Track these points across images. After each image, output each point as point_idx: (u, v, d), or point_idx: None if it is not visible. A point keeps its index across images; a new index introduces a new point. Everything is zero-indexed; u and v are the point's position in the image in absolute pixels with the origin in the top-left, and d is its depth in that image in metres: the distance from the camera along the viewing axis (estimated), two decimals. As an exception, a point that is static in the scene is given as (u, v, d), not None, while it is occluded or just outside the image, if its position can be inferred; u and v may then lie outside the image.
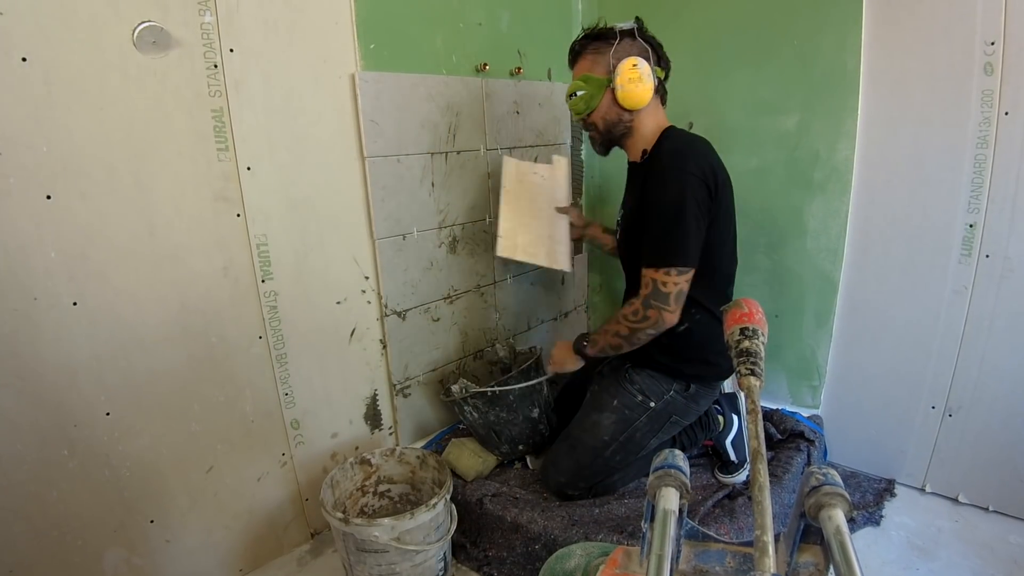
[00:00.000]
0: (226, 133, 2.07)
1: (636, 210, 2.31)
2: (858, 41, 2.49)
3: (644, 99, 2.21)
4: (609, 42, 2.25)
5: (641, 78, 2.17)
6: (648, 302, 2.14)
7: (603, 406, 2.44)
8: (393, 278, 2.65)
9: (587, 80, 2.28)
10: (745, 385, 1.14)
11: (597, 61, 2.28)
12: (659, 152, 2.25)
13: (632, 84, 2.18)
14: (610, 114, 2.30)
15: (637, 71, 2.17)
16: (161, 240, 1.99)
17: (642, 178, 2.26)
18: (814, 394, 2.94)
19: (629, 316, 2.19)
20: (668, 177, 2.13)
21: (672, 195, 2.11)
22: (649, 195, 2.18)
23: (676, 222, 2.11)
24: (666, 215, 2.12)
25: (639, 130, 2.31)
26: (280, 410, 2.41)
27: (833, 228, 2.71)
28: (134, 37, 1.82)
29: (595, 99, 2.28)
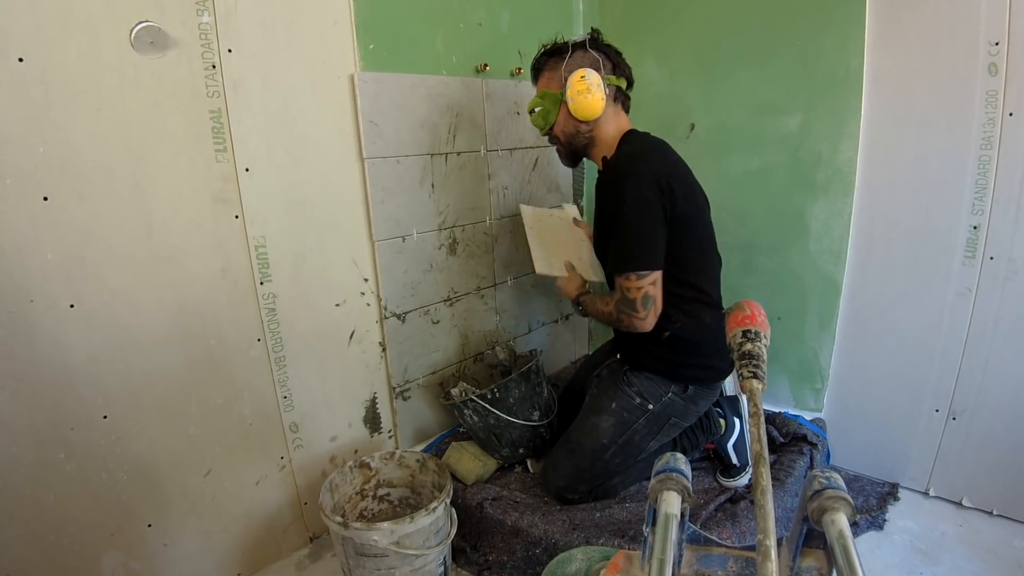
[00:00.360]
0: (224, 134, 2.08)
1: (599, 219, 2.35)
2: (861, 41, 2.48)
3: (596, 109, 2.24)
4: (562, 56, 2.30)
5: (590, 88, 2.20)
6: (620, 308, 2.19)
7: (601, 409, 2.44)
8: (393, 280, 2.64)
9: (544, 96, 2.34)
10: (747, 388, 1.14)
11: (552, 76, 2.33)
12: (615, 159, 2.28)
13: (581, 96, 2.21)
14: (567, 127, 2.34)
15: (585, 82, 2.20)
16: (159, 242, 1.99)
17: (604, 185, 2.28)
18: (817, 397, 2.93)
19: (611, 315, 2.27)
20: (620, 183, 2.15)
21: (625, 199, 2.13)
22: (607, 202, 2.22)
23: (630, 226, 2.14)
24: (621, 220, 2.14)
25: (600, 139, 2.35)
26: (279, 413, 2.41)
27: (836, 230, 2.70)
28: (131, 37, 1.83)
29: (551, 114, 2.33)
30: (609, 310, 2.25)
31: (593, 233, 2.50)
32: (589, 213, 3.58)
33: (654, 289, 2.15)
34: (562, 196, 3.42)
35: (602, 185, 2.28)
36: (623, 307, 2.17)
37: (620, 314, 2.19)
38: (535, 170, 3.20)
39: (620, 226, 2.15)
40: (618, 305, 2.18)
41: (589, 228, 2.84)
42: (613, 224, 2.17)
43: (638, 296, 2.13)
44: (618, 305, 2.18)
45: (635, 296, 2.13)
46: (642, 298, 2.13)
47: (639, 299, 2.13)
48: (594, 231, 2.46)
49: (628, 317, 2.17)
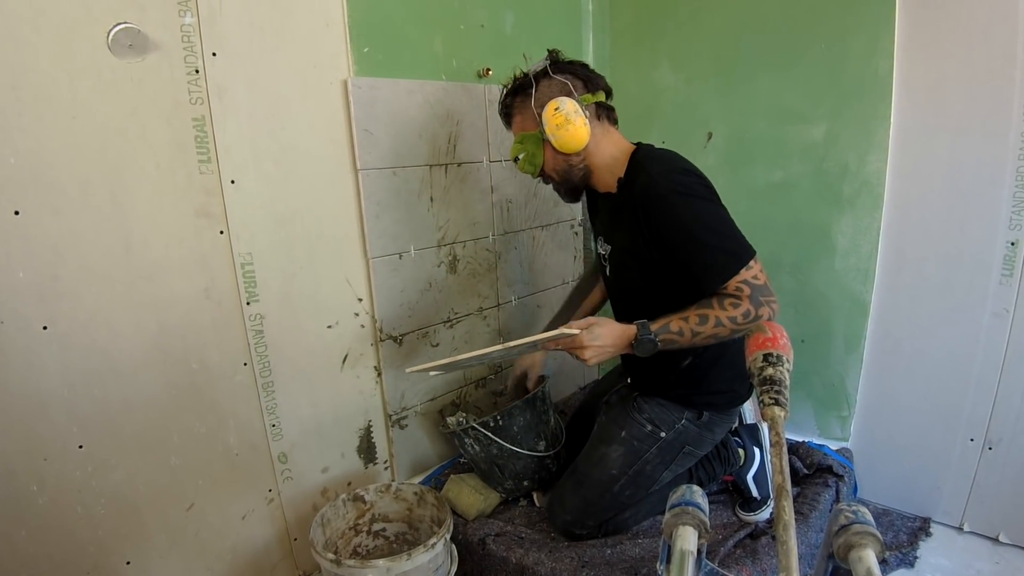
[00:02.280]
0: (208, 144, 2.05)
1: (629, 248, 2.26)
2: (891, 44, 2.46)
3: (582, 138, 2.17)
4: (527, 92, 2.23)
5: (568, 119, 2.13)
6: (757, 300, 2.03)
7: (611, 438, 2.41)
8: (388, 300, 2.62)
9: (523, 140, 2.27)
10: (769, 416, 1.13)
11: (524, 116, 2.27)
12: (643, 179, 2.15)
13: (562, 129, 2.14)
14: (558, 164, 2.27)
15: (561, 114, 2.13)
16: (138, 259, 1.96)
17: (632, 210, 2.17)
18: (843, 425, 2.90)
19: (739, 318, 2.03)
20: (674, 199, 2.07)
21: (695, 208, 2.07)
22: (664, 227, 2.09)
23: (718, 224, 2.07)
24: (704, 227, 2.06)
25: (599, 165, 2.28)
26: (266, 442, 2.38)
27: (863, 246, 2.68)
28: (109, 40, 1.80)
29: (537, 156, 2.26)
30: (732, 313, 2.03)
31: (608, 259, 2.41)
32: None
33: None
34: (570, 210, 3.39)
35: (635, 210, 2.15)
36: (761, 296, 2.03)
37: (759, 307, 2.02)
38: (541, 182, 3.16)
39: (709, 231, 2.05)
40: (755, 298, 2.03)
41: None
42: (692, 239, 2.06)
43: (766, 280, 2.06)
44: (755, 298, 2.03)
45: (764, 281, 2.05)
46: (767, 281, 2.06)
47: (767, 283, 2.06)
48: (613, 257, 2.38)
49: (769, 304, 2.04)
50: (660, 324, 2.04)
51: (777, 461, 1.02)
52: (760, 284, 2.03)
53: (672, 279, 2.16)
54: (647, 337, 2.03)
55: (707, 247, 2.04)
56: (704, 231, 2.05)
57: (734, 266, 2.03)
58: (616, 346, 2.05)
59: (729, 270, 2.03)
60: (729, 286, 2.03)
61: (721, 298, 2.03)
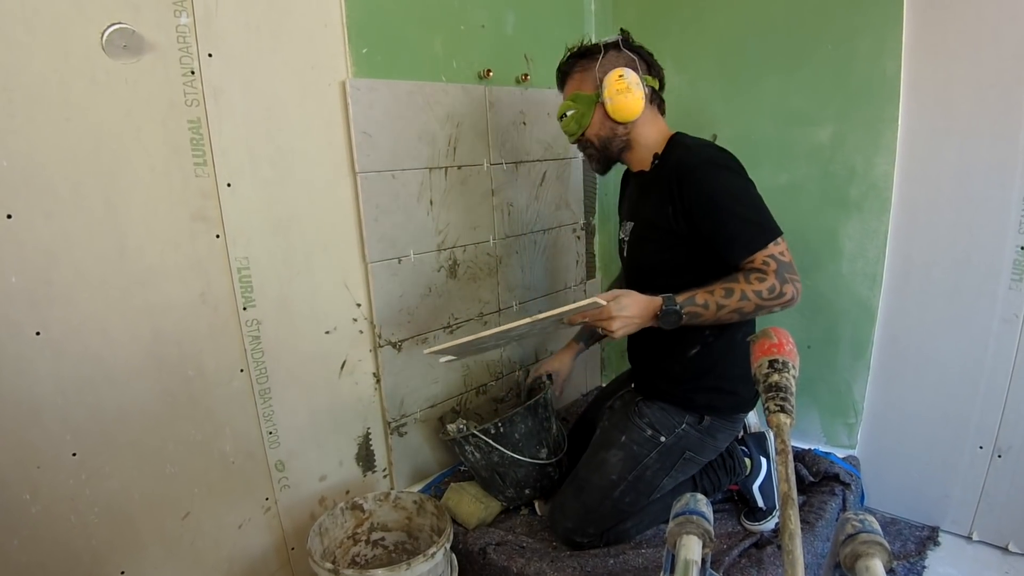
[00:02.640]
0: (204, 146, 2.04)
1: (653, 220, 2.27)
2: (898, 45, 2.45)
3: (636, 109, 2.23)
4: (594, 57, 2.29)
5: (630, 88, 2.19)
6: (783, 276, 2.03)
7: (611, 443, 2.42)
8: (388, 305, 2.61)
9: (576, 99, 2.32)
10: (774, 423, 1.12)
11: (584, 78, 2.32)
12: (678, 155, 2.23)
13: (621, 95, 2.20)
14: (603, 130, 2.32)
15: (624, 81, 2.20)
16: (132, 264, 1.95)
17: (665, 182, 2.19)
18: (850, 433, 2.89)
19: (764, 293, 2.01)
20: (708, 168, 2.12)
21: (727, 180, 2.12)
22: (696, 196, 2.10)
23: (748, 197, 2.11)
24: (734, 199, 2.09)
25: (639, 142, 2.33)
26: (263, 450, 2.36)
27: (871, 251, 2.67)
28: (103, 41, 1.79)
29: (586, 117, 2.31)
30: (758, 287, 2.01)
31: (628, 237, 2.43)
32: (602, 225, 3.62)
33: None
34: (572, 213, 3.38)
35: (669, 183, 2.17)
36: (786, 273, 2.03)
37: (784, 284, 2.02)
38: (543, 185, 3.17)
39: (739, 203, 2.08)
40: (781, 274, 2.02)
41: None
42: (721, 210, 2.08)
43: (791, 258, 2.07)
44: (781, 274, 2.02)
45: (790, 259, 2.06)
46: (792, 260, 2.07)
47: (792, 261, 2.07)
48: (633, 233, 2.40)
49: (794, 283, 2.04)
50: (686, 296, 2.04)
51: (782, 469, 1.02)
52: (786, 261, 2.04)
53: (693, 254, 2.18)
54: (672, 308, 2.03)
55: (736, 217, 2.07)
56: (734, 202, 2.08)
57: (761, 239, 2.05)
58: (642, 317, 2.05)
59: (756, 242, 2.05)
60: (756, 259, 2.04)
61: (747, 272, 2.04)
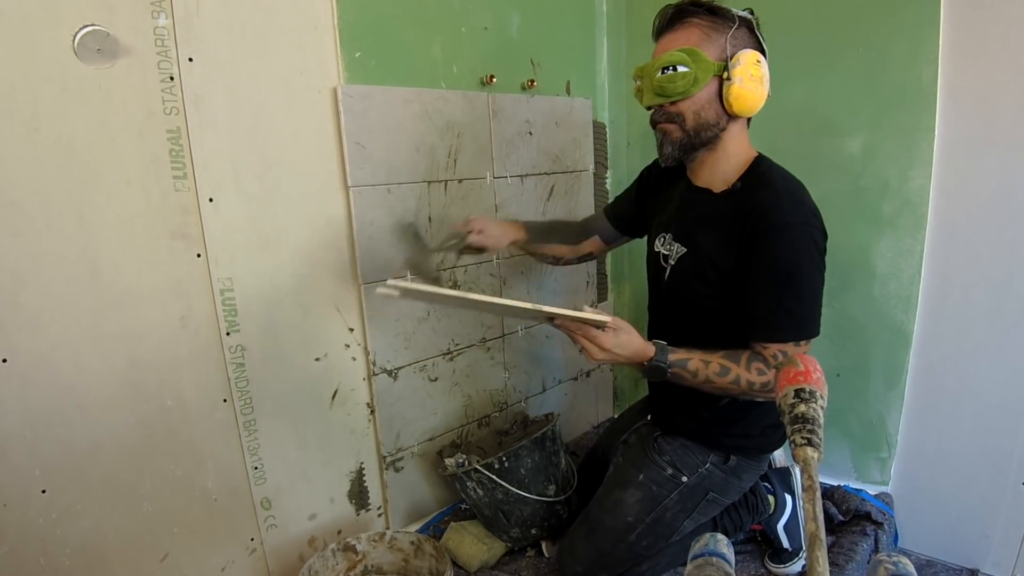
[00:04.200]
0: (184, 158, 2.01)
1: (715, 260, 2.09)
2: (935, 48, 2.39)
3: (758, 104, 2.01)
4: (728, 21, 1.99)
5: (763, 80, 1.98)
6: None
7: (627, 481, 2.35)
8: (382, 330, 2.57)
9: (694, 56, 1.97)
10: (801, 457, 1.11)
11: (710, 36, 1.99)
12: (769, 196, 1.99)
13: (752, 83, 1.96)
14: (707, 111, 2.04)
15: (760, 69, 1.97)
16: (107, 285, 1.92)
17: (738, 223, 2.02)
18: (883, 468, 2.82)
19: (757, 385, 1.95)
20: (790, 237, 1.94)
21: (799, 257, 1.94)
22: (764, 255, 1.96)
23: (807, 288, 1.96)
24: (789, 282, 1.95)
25: (725, 147, 2.11)
26: (248, 487, 2.33)
27: (905, 271, 2.61)
28: (74, 44, 1.76)
29: (699, 84, 1.99)
30: (754, 379, 1.94)
31: (673, 260, 2.23)
32: (617, 249, 3.56)
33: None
34: (583, 231, 3.33)
35: (741, 221, 2.01)
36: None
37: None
38: (551, 200, 3.12)
39: (782, 286, 1.95)
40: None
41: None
42: (779, 280, 1.95)
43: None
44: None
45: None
46: None
47: None
48: (681, 261, 2.20)
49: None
50: (680, 356, 1.96)
51: (810, 507, 0.99)
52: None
53: (738, 309, 2.06)
54: (661, 364, 1.95)
55: (775, 301, 1.96)
56: (787, 284, 1.95)
57: (786, 333, 1.96)
58: (629, 360, 1.96)
59: (779, 335, 1.96)
60: (769, 349, 1.96)
61: (752, 357, 1.96)
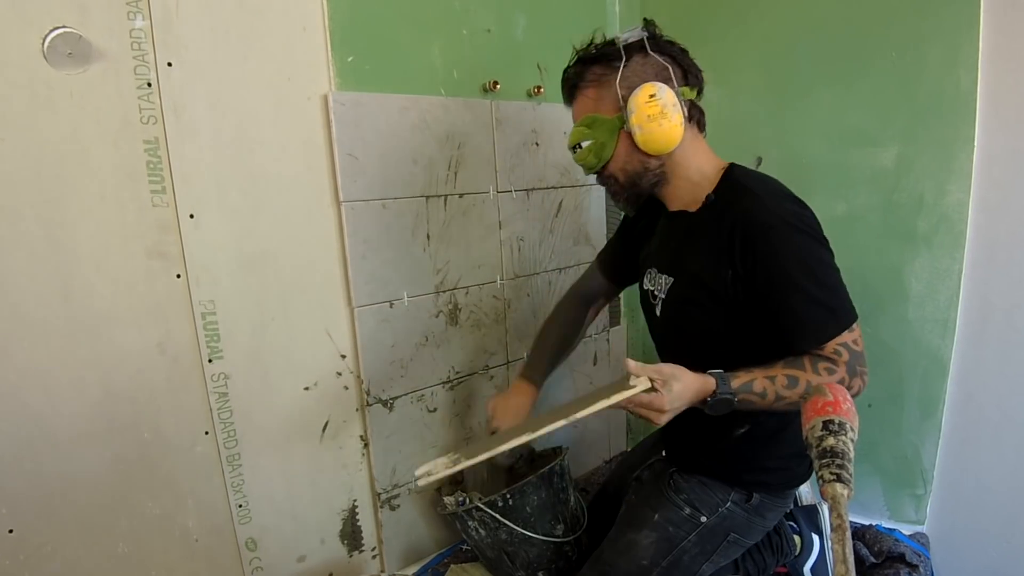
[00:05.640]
0: (163, 171, 1.99)
1: (704, 281, 2.06)
2: (974, 52, 2.36)
3: (673, 138, 1.98)
4: (613, 65, 2.04)
5: (664, 112, 1.94)
6: (854, 368, 1.89)
7: (641, 522, 2.27)
8: (377, 357, 2.54)
9: (592, 123, 2.08)
10: (829, 494, 1.10)
11: (602, 95, 2.08)
12: (748, 202, 1.98)
13: (653, 123, 1.95)
14: (631, 163, 2.10)
15: (657, 104, 1.94)
16: (79, 308, 1.90)
17: (723, 236, 1.99)
18: (918, 506, 2.77)
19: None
20: (787, 232, 1.91)
21: (807, 249, 1.92)
22: (765, 263, 1.92)
23: (827, 274, 1.93)
24: (810, 274, 1.91)
25: (679, 174, 2.11)
26: (232, 526, 2.29)
27: (942, 292, 2.56)
28: (44, 47, 1.73)
29: (607, 148, 2.08)
30: (832, 380, 1.86)
31: (665, 291, 2.21)
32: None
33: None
34: (593, 250, 3.26)
35: (727, 233, 1.97)
36: (857, 365, 1.90)
37: (853, 378, 1.88)
38: (559, 216, 3.08)
39: (807, 284, 1.90)
40: (852, 367, 1.89)
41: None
42: (798, 281, 1.90)
43: (863, 347, 1.92)
44: (852, 367, 1.89)
45: (862, 349, 1.92)
46: (864, 349, 1.93)
47: (864, 351, 1.92)
48: (674, 290, 2.18)
49: (862, 376, 1.91)
50: (742, 380, 1.85)
51: (839, 548, 0.99)
52: (859, 351, 1.89)
53: (748, 328, 2.00)
54: (727, 395, 1.83)
55: (809, 300, 1.90)
56: (810, 280, 1.90)
57: (834, 327, 1.90)
58: (691, 403, 1.85)
59: (828, 330, 1.90)
60: (826, 348, 1.89)
61: (815, 360, 1.88)
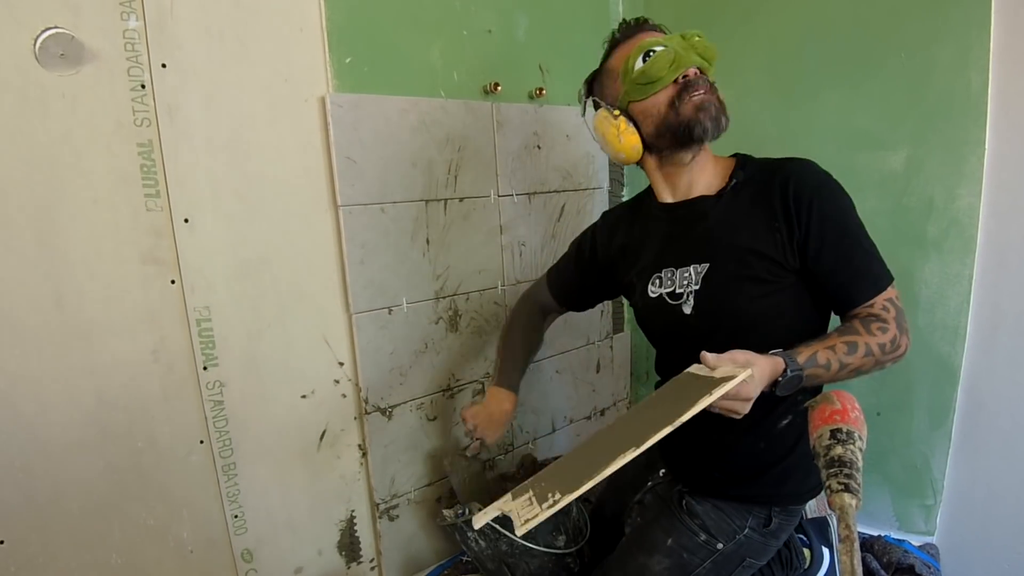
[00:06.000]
0: (157, 174, 1.99)
1: (759, 250, 2.00)
2: (985, 53, 2.34)
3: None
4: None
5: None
6: (901, 324, 1.88)
7: (652, 546, 2.21)
8: (376, 364, 2.54)
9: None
10: (837, 504, 1.10)
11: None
12: (793, 167, 2.03)
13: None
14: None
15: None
16: (72, 314, 1.90)
17: (764, 206, 2.01)
18: (927, 516, 2.75)
19: (888, 345, 1.85)
20: (833, 193, 1.96)
21: (850, 207, 1.96)
22: (824, 220, 1.93)
23: (864, 235, 1.96)
24: (861, 230, 1.95)
25: (708, 150, 2.17)
26: (228, 537, 2.29)
27: (952, 299, 2.55)
28: (35, 48, 1.73)
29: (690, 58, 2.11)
30: (881, 339, 1.85)
31: (698, 288, 2.10)
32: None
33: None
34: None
35: (772, 200, 1.99)
36: (903, 321, 1.90)
37: (902, 334, 1.88)
38: (561, 220, 3.07)
39: (860, 236, 1.95)
40: (898, 322, 1.88)
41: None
42: (841, 238, 1.93)
43: (902, 306, 1.93)
44: (898, 322, 1.88)
45: (902, 305, 1.93)
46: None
47: (904, 309, 1.93)
48: (706, 284, 2.09)
49: (907, 333, 1.89)
50: (806, 355, 1.79)
51: (847, 560, 0.99)
52: (902, 308, 1.91)
53: (805, 292, 2.00)
54: (796, 371, 1.76)
55: (864, 251, 1.93)
56: (860, 233, 1.94)
57: (886, 279, 1.93)
58: (764, 387, 1.76)
59: (883, 281, 1.92)
60: (876, 303, 1.90)
61: (867, 321, 1.86)
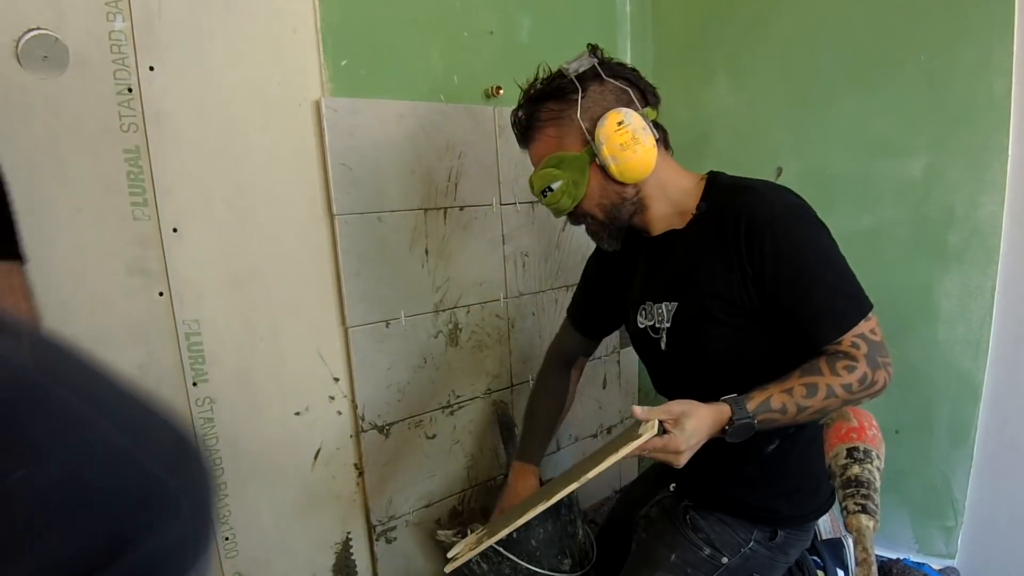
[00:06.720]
0: (144, 182, 1.97)
1: (718, 292, 1.98)
2: (1008, 56, 2.32)
3: (649, 163, 1.92)
4: (570, 98, 1.97)
5: (635, 137, 1.89)
6: (875, 360, 1.82)
7: (656, 562, 2.19)
8: (372, 380, 2.52)
9: (560, 163, 1.99)
10: (854, 526, 1.09)
11: (563, 131, 2.00)
12: (747, 199, 1.93)
13: (627, 151, 1.89)
14: (607, 197, 2.04)
15: (627, 130, 1.89)
16: (54, 327, 1.84)
17: (723, 242, 1.94)
18: (948, 539, 2.71)
19: (854, 385, 1.80)
20: (791, 222, 1.87)
21: (813, 237, 1.88)
22: (775, 257, 1.87)
23: (837, 260, 1.89)
24: (823, 261, 1.87)
25: (658, 197, 2.05)
26: (218, 560, 2.26)
27: (974, 312, 2.51)
28: (18, 50, 1.72)
29: (580, 186, 1.99)
30: (847, 380, 1.80)
31: (670, 318, 2.11)
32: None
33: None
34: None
35: (729, 235, 1.93)
36: (878, 356, 1.83)
37: (876, 371, 1.81)
38: (565, 230, 3.05)
39: (830, 269, 1.87)
40: (872, 358, 1.82)
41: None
42: (807, 274, 1.86)
43: (882, 336, 1.86)
44: (872, 358, 1.82)
45: (881, 338, 1.86)
46: (883, 338, 1.87)
47: (883, 341, 1.86)
48: (680, 315, 2.09)
49: (885, 368, 1.84)
50: (758, 401, 1.77)
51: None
52: (878, 341, 1.83)
53: (768, 333, 1.95)
54: (744, 420, 1.75)
55: (826, 287, 1.85)
56: (823, 267, 1.85)
57: (854, 314, 1.84)
58: (710, 436, 1.78)
59: (848, 318, 1.84)
60: (844, 341, 1.83)
61: (832, 359, 1.81)
